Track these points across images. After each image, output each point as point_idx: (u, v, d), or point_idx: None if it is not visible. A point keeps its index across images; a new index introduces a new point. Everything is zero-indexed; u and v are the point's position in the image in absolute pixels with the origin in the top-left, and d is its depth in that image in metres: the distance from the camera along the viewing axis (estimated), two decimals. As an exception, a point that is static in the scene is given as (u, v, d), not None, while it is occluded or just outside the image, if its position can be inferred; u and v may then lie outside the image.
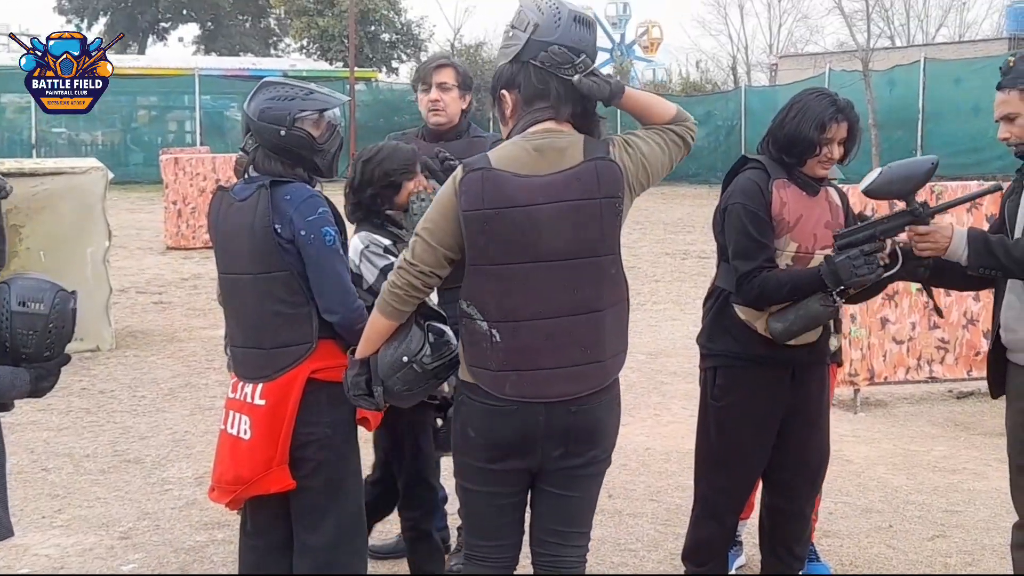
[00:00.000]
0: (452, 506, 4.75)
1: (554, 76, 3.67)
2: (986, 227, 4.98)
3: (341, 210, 4.37)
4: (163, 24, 59.97)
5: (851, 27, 31.65)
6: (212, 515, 6.35)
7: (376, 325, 3.84)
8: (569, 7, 3.71)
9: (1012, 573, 4.82)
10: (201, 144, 32.18)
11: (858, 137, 4.76)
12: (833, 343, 5.24)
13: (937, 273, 4.62)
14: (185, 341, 11.69)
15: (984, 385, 5.01)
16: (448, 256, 3.70)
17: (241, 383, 4.16)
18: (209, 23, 59.27)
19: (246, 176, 4.19)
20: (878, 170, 4.49)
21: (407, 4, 47.33)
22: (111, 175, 11.40)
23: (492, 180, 3.61)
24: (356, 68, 39.32)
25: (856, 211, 5.11)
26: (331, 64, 43.62)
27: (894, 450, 8.05)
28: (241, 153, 4.20)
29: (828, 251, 4.55)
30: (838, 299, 4.52)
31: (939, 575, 5.71)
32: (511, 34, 3.73)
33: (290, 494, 4.12)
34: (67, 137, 35.86)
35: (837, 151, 4.68)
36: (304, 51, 47.42)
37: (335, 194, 4.26)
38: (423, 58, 45.74)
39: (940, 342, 9.39)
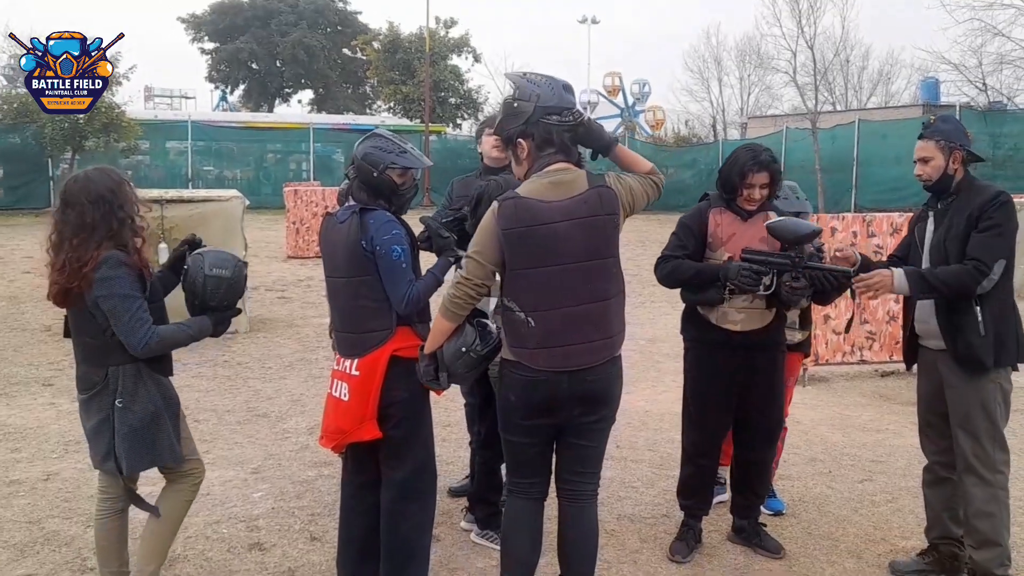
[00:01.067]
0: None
1: (558, 129, 3.80)
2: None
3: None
4: (287, 89, 60.24)
5: (803, 95, 31.35)
6: (321, 457, 6.38)
7: (440, 326, 3.91)
8: (556, 79, 3.89)
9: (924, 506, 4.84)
10: (314, 179, 32.21)
11: (779, 181, 4.88)
12: (798, 336, 5.28)
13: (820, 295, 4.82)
14: (301, 327, 11.74)
15: (903, 366, 4.99)
16: (494, 270, 3.82)
17: (342, 358, 4.18)
18: (321, 89, 59.54)
19: (345, 203, 4.23)
20: (785, 218, 4.62)
21: (468, 76, 47.38)
22: (247, 202, 11.47)
23: (523, 206, 3.74)
24: (430, 124, 39.43)
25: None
26: (411, 120, 43.64)
27: (832, 415, 7.99)
28: (345, 182, 4.24)
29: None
30: (725, 292, 4.71)
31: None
32: (516, 105, 3.85)
33: (378, 442, 4.13)
34: (215, 173, 36.13)
35: (759, 193, 4.80)
36: (391, 110, 47.48)
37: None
38: (480, 117, 45.99)
39: (869, 334, 9.31)
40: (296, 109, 60.14)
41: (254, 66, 57.81)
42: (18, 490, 5.84)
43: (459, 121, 47.33)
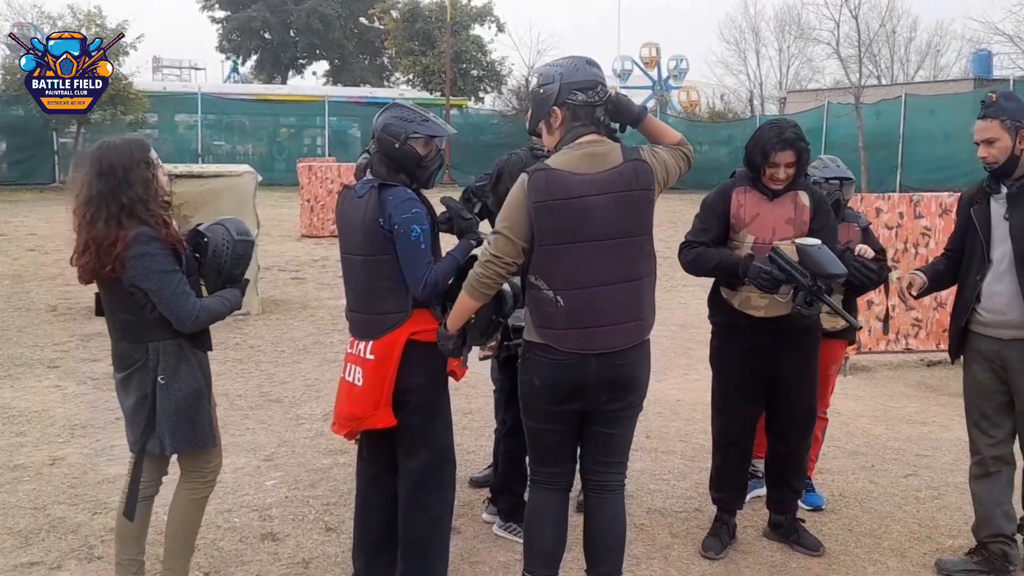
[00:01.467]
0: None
1: (585, 107, 3.81)
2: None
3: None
4: (300, 61, 60.23)
5: (846, 68, 31.15)
6: (336, 444, 6.40)
7: (465, 305, 3.90)
8: (578, 56, 3.91)
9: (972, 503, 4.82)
10: (329, 155, 32.29)
11: (807, 160, 4.81)
12: (841, 322, 5.19)
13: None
14: (316, 308, 11.78)
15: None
16: (523, 246, 3.77)
17: (356, 341, 4.18)
18: (336, 60, 59.52)
19: (364, 177, 4.23)
20: (817, 245, 4.50)
21: (492, 47, 47.23)
22: (260, 178, 11.49)
23: (554, 178, 3.72)
24: (451, 97, 39.38)
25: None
26: (431, 94, 43.57)
27: (876, 406, 7.96)
28: (364, 156, 4.23)
29: (786, 241, 4.64)
30: (740, 285, 4.69)
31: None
32: (542, 91, 3.87)
33: (393, 429, 4.14)
34: (226, 148, 36.26)
35: (783, 172, 4.73)
36: (410, 83, 47.38)
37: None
38: (503, 90, 45.90)
39: (915, 320, 9.25)
40: (310, 81, 60.25)
41: (267, 36, 57.81)
42: (23, 475, 5.90)
43: (481, 94, 47.20)
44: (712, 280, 4.93)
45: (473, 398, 7.50)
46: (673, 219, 20.96)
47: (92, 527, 5.12)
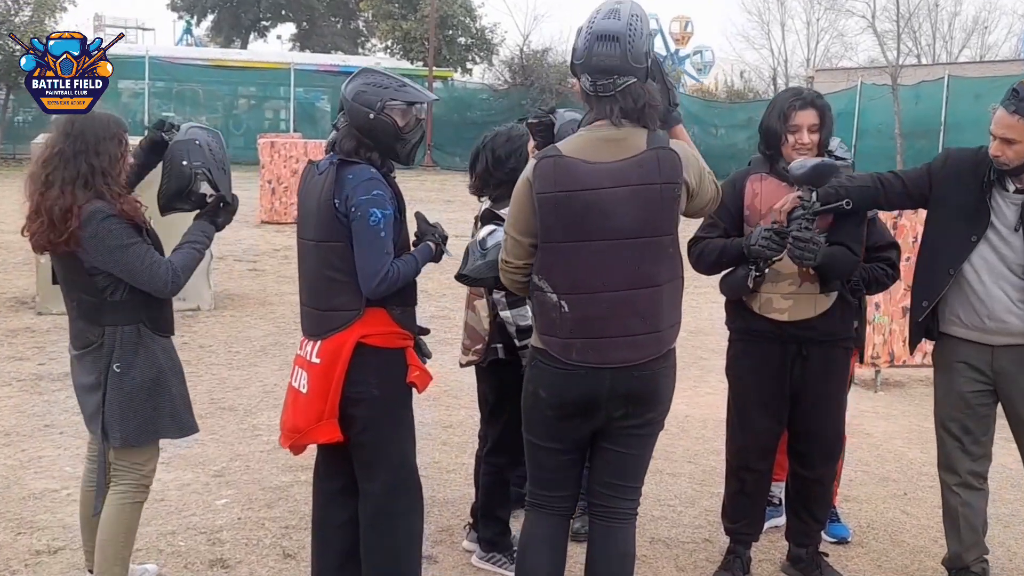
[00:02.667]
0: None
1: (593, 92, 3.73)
2: None
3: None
4: (263, 22, 60.15)
5: (883, 45, 31.30)
6: (296, 459, 6.31)
7: None
8: (595, 13, 3.71)
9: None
10: (294, 130, 32.27)
11: (830, 124, 4.77)
12: None
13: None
14: (276, 304, 11.77)
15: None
16: (533, 243, 3.74)
17: (306, 341, 4.17)
18: (304, 23, 59.44)
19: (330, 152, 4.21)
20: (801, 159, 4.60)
21: (482, 11, 47.30)
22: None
23: (563, 166, 3.64)
24: (434, 68, 39.38)
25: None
26: (412, 63, 43.53)
27: (910, 426, 7.98)
28: (333, 133, 4.21)
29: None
30: (752, 271, 4.65)
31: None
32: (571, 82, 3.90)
33: (349, 446, 4.14)
34: (176, 120, 36.09)
35: (808, 136, 4.71)
36: (388, 51, 47.35)
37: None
38: (494, 61, 45.86)
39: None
40: (275, 46, 60.26)
41: (225, -7, 57.77)
42: (-63, 488, 5.87)
43: (469, 65, 47.20)
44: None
45: (454, 409, 7.50)
46: (684, 211, 21.04)
47: (15, 548, 5.10)
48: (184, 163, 4.32)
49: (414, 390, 4.26)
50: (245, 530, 5.46)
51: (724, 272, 4.87)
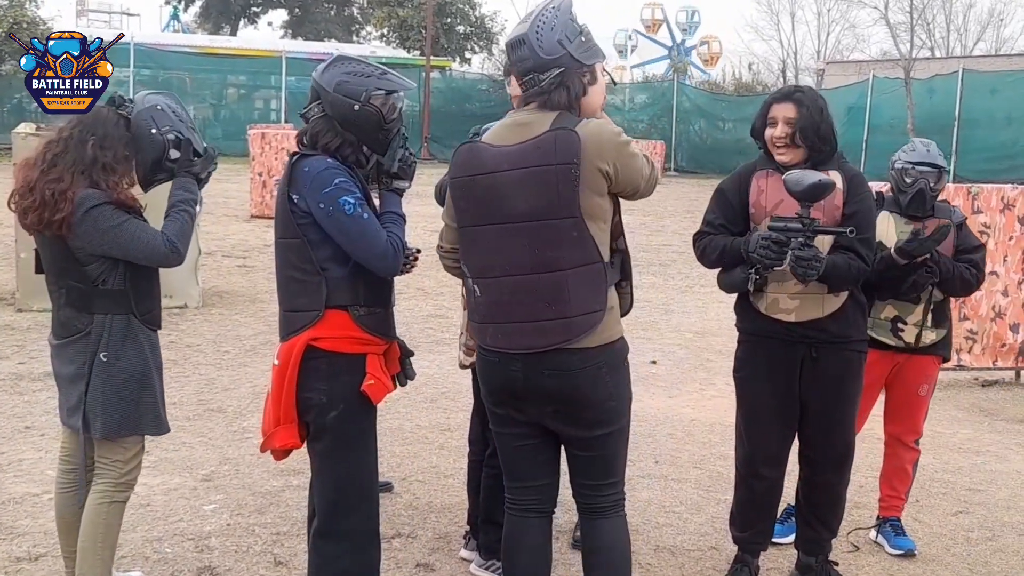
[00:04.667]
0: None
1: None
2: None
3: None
4: (254, 8, 60.16)
5: (895, 37, 31.34)
6: (288, 462, 6.30)
7: None
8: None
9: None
10: (286, 121, 32.24)
11: (810, 116, 4.72)
12: (931, 335, 5.24)
13: None
14: (267, 302, 11.74)
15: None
16: (455, 227, 3.99)
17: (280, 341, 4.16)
18: (297, 9, 59.43)
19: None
20: (799, 170, 4.60)
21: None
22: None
23: (475, 151, 3.86)
24: (432, 57, 39.34)
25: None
26: (408, 52, 43.57)
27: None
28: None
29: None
30: (752, 273, 4.68)
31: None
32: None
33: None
34: (162, 110, 36.10)
35: (782, 128, 4.74)
36: (384, 39, 47.37)
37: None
38: (494, 50, 45.85)
39: (969, 333, 9.27)
40: (266, 33, 60.18)
41: (214, -22, 57.77)
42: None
43: (468, 55, 47.23)
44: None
45: (452, 412, 7.49)
46: (689, 207, 21.02)
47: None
48: (153, 131, 4.36)
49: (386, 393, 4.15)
50: (235, 536, 5.47)
51: (723, 268, 4.90)
